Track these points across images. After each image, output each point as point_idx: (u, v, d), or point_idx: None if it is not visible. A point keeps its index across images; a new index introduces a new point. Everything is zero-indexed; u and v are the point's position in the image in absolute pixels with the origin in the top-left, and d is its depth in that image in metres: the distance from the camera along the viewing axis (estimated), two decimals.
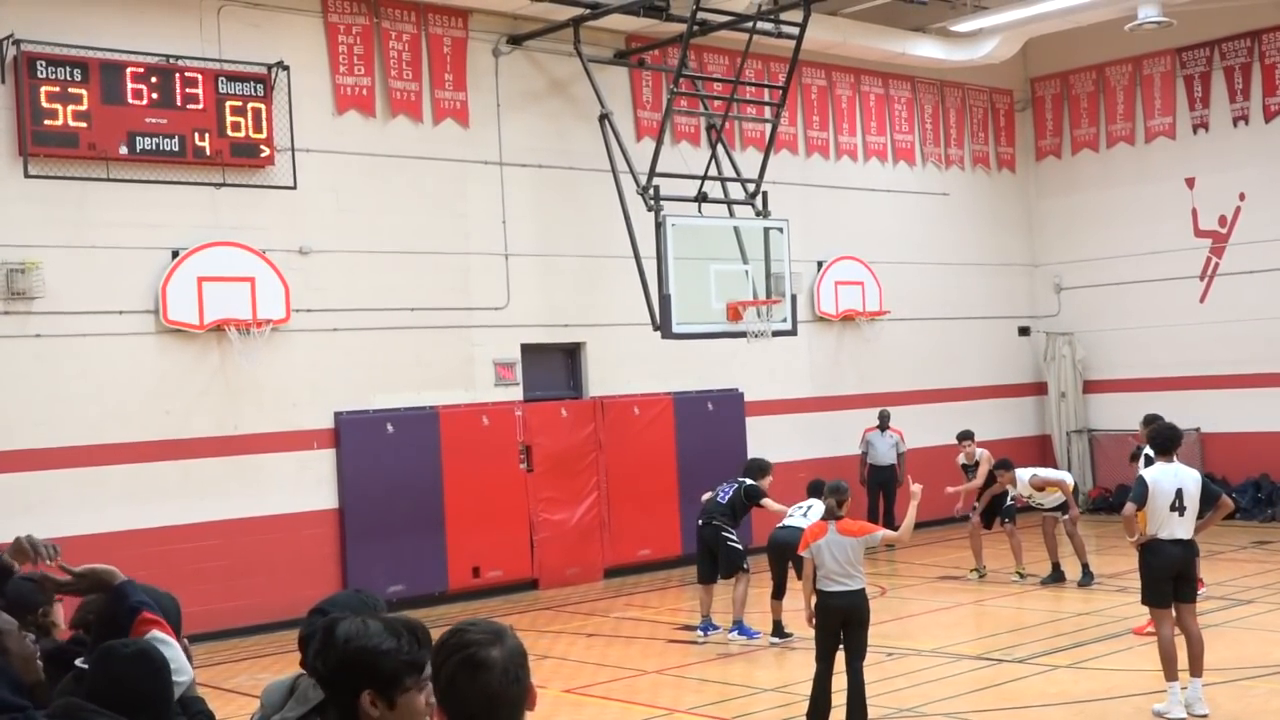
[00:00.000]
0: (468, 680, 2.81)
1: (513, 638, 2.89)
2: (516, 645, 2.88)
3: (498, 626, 2.92)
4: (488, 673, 2.81)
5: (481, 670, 2.81)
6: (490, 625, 2.92)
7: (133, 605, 4.09)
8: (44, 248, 13.29)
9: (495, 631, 2.87)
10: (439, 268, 15.89)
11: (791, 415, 18.48)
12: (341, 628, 3.04)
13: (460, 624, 2.94)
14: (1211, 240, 20.58)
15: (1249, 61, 20.08)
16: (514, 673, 2.84)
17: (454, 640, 2.86)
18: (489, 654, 2.82)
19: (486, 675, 2.81)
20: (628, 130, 17.21)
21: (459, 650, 2.83)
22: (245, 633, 14.04)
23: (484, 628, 2.89)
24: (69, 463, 13.38)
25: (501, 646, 2.84)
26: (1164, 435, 9.72)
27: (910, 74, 20.83)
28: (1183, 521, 9.42)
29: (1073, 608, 13.66)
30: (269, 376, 14.55)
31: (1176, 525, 9.40)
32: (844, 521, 9.48)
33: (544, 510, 16.42)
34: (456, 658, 2.82)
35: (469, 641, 2.83)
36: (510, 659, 2.84)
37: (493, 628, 2.89)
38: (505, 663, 2.83)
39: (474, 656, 2.81)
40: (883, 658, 11.70)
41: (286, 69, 14.67)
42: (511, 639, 2.88)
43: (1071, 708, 9.74)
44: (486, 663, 2.81)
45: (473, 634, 2.85)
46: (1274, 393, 19.75)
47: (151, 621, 4.06)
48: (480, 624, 2.92)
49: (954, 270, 21.38)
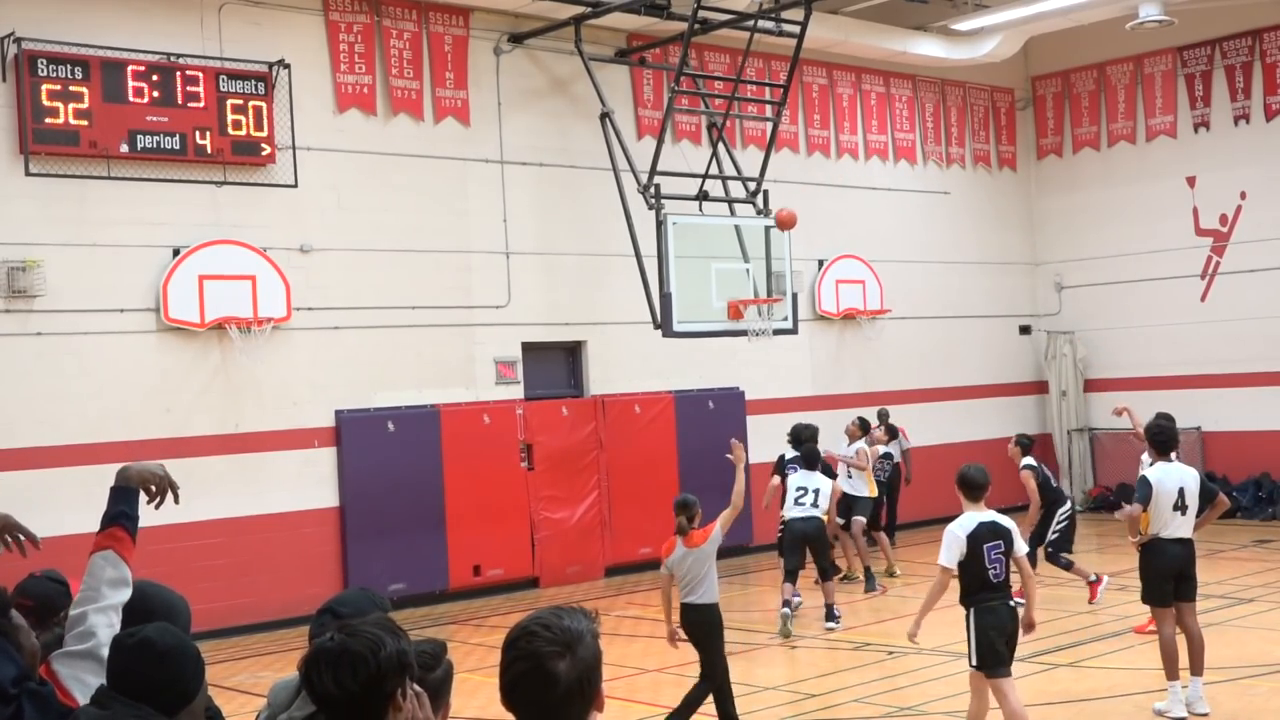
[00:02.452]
0: (530, 689, 2.73)
1: (585, 646, 2.75)
2: (588, 655, 2.75)
3: (571, 634, 2.76)
4: (553, 687, 2.71)
5: (546, 684, 2.71)
6: (563, 632, 2.76)
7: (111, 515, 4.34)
8: (45, 246, 13.31)
9: (566, 642, 2.73)
10: (440, 266, 15.90)
11: (792, 414, 18.42)
12: (358, 643, 3.06)
13: (536, 621, 2.80)
14: (1212, 239, 20.59)
15: (1250, 60, 20.08)
16: (580, 686, 2.73)
17: (523, 645, 2.76)
18: (555, 668, 2.71)
19: (551, 689, 2.71)
20: (629, 129, 17.23)
21: (527, 659, 2.73)
22: (246, 631, 14.07)
23: (556, 635, 2.75)
24: (70, 461, 13.38)
25: (571, 659, 2.72)
26: (1163, 434, 9.73)
27: (911, 72, 20.84)
28: (1184, 520, 9.43)
29: (1073, 607, 13.62)
30: (270, 375, 14.57)
31: (1179, 524, 9.41)
32: (691, 534, 9.22)
33: (545, 509, 16.43)
34: (522, 665, 2.74)
35: (537, 652, 2.72)
36: (579, 672, 2.73)
37: (565, 636, 2.74)
38: (571, 677, 2.72)
39: (539, 669, 2.72)
40: (884, 656, 11.79)
41: (287, 67, 14.68)
42: (584, 648, 2.75)
43: (1072, 706, 9.74)
44: (552, 676, 2.71)
45: (542, 642, 2.73)
46: (1275, 391, 19.76)
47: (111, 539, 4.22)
48: (555, 628, 2.77)
49: (955, 269, 21.40)
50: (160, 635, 3.65)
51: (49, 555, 10.45)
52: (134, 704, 3.52)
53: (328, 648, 3.07)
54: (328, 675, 3.04)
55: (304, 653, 3.76)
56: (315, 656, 3.09)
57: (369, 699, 3.02)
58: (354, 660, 3.02)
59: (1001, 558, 8.19)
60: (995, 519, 8.27)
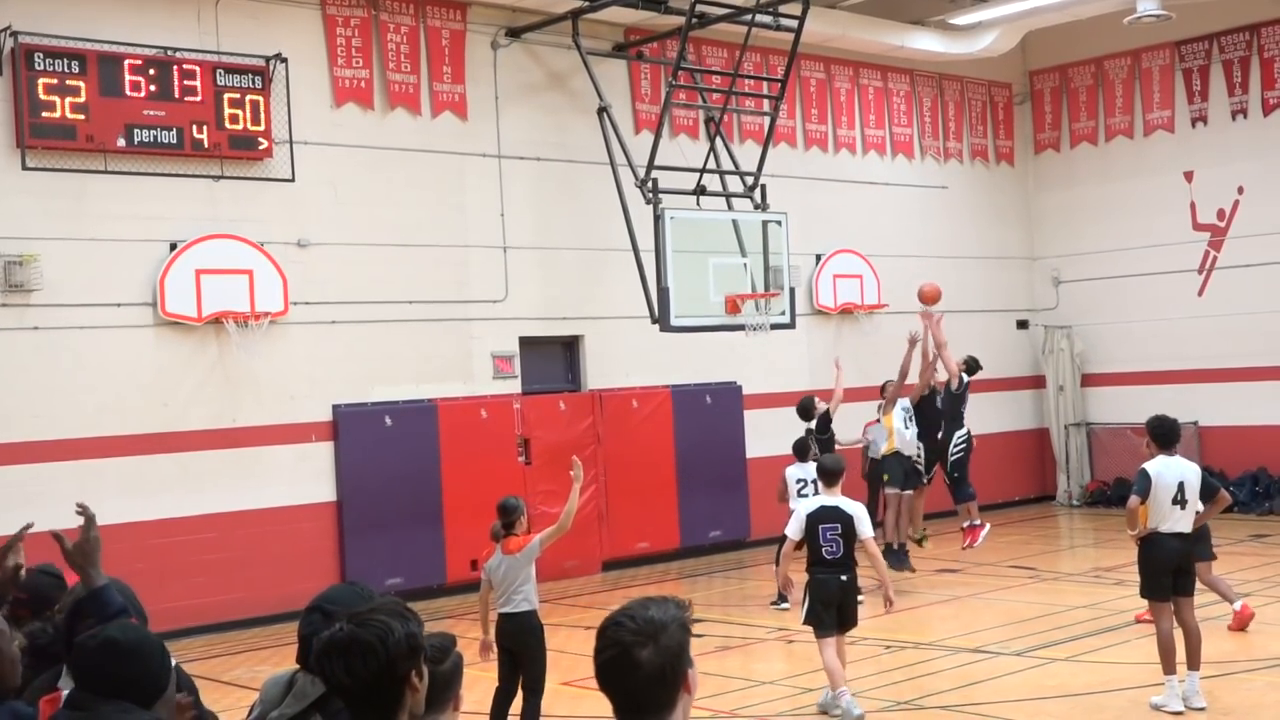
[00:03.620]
0: (617, 675, 2.87)
1: (670, 635, 2.87)
2: (672, 644, 2.86)
3: (657, 624, 2.88)
4: (636, 672, 2.84)
5: (629, 671, 2.84)
6: (648, 622, 2.88)
7: (115, 613, 4.25)
8: (42, 240, 13.30)
9: (650, 632, 2.85)
10: (437, 260, 15.90)
11: (790, 408, 18.45)
12: (367, 633, 3.09)
13: (624, 612, 2.92)
14: (1210, 234, 20.59)
15: (1248, 55, 20.08)
16: (664, 673, 2.85)
17: (611, 634, 2.89)
18: (639, 655, 2.83)
19: (634, 676, 2.84)
20: (626, 123, 17.21)
21: (612, 647, 2.86)
22: (243, 625, 14.06)
23: (641, 625, 2.87)
24: (67, 455, 13.41)
25: (654, 646, 2.84)
26: (1164, 428, 9.72)
27: (909, 67, 20.84)
28: (1184, 515, 9.42)
29: (1069, 601, 13.69)
30: (267, 369, 14.57)
31: (1178, 518, 9.40)
32: (508, 540, 8.82)
33: (542, 503, 16.37)
34: (609, 653, 2.87)
35: (621, 640, 2.85)
36: (663, 658, 2.84)
37: (650, 626, 2.86)
38: (654, 665, 2.84)
39: (622, 657, 2.84)
40: (880, 651, 11.82)
41: (285, 61, 14.67)
42: (668, 637, 2.86)
43: (1068, 700, 9.78)
44: (634, 663, 2.84)
45: (626, 631, 2.85)
46: (1272, 386, 19.79)
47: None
48: (640, 618, 2.88)
49: (952, 264, 21.35)
50: (123, 633, 3.73)
51: (44, 550, 10.43)
52: (115, 701, 3.57)
53: (338, 638, 3.11)
54: (339, 666, 3.09)
55: (298, 650, 3.83)
56: (326, 648, 3.13)
57: (383, 685, 3.09)
58: (364, 649, 3.07)
59: (838, 538, 9.54)
60: (838, 504, 9.62)
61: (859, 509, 9.68)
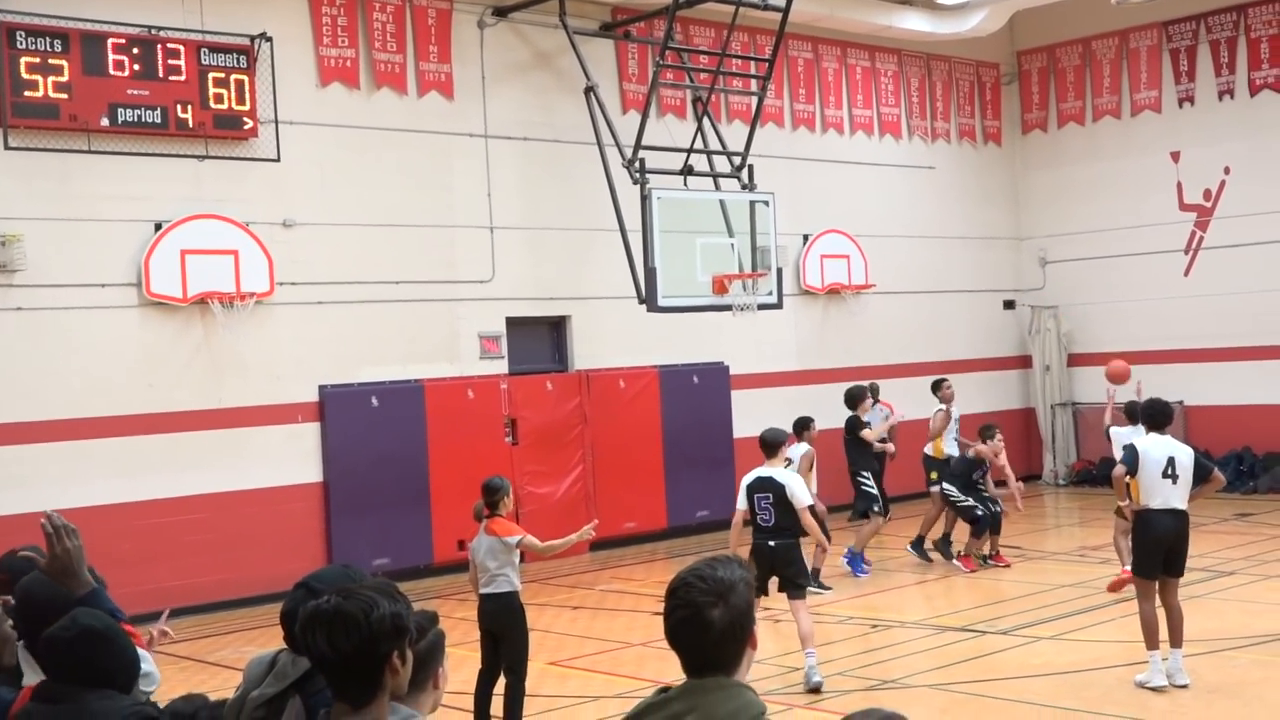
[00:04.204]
0: (689, 634, 3.04)
1: (738, 594, 3.04)
2: (740, 602, 3.04)
3: (725, 584, 3.04)
4: (707, 632, 3.02)
5: (702, 630, 3.02)
6: (718, 582, 3.04)
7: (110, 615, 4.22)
8: (25, 220, 13.26)
9: (720, 592, 3.03)
10: (424, 241, 15.91)
11: (777, 388, 18.55)
12: (352, 605, 3.09)
13: (693, 573, 3.08)
14: (1196, 214, 20.70)
15: (1235, 36, 20.16)
16: (733, 630, 3.04)
17: (681, 594, 3.05)
18: (710, 615, 3.01)
19: (706, 634, 3.02)
20: (613, 103, 17.23)
21: (684, 607, 3.04)
22: (230, 606, 14.10)
23: (711, 585, 3.03)
24: (53, 436, 13.41)
25: (724, 606, 3.02)
26: (1155, 409, 9.73)
27: (897, 47, 20.87)
28: (1176, 490, 9.41)
29: (1055, 580, 13.77)
30: (253, 350, 14.57)
31: (1170, 493, 9.39)
32: (493, 521, 8.72)
33: (529, 483, 16.47)
34: (682, 613, 3.04)
35: (693, 601, 3.02)
36: (732, 617, 3.03)
37: (719, 586, 3.03)
38: (725, 623, 3.02)
39: (695, 617, 3.02)
40: (868, 630, 11.91)
41: (269, 40, 14.63)
42: (736, 596, 3.04)
43: (1054, 679, 9.86)
44: (706, 622, 3.02)
45: (698, 592, 3.02)
46: (1257, 366, 19.93)
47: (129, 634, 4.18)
48: (709, 579, 3.05)
49: (940, 244, 21.48)
50: (97, 620, 3.74)
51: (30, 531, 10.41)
52: (94, 689, 3.60)
53: (323, 609, 3.10)
54: (321, 636, 3.08)
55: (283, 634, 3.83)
56: (309, 618, 3.12)
57: (363, 660, 3.08)
58: (347, 621, 3.06)
59: (770, 507, 10.15)
60: (772, 474, 10.22)
61: (791, 479, 10.28)
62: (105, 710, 3.61)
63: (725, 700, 3.03)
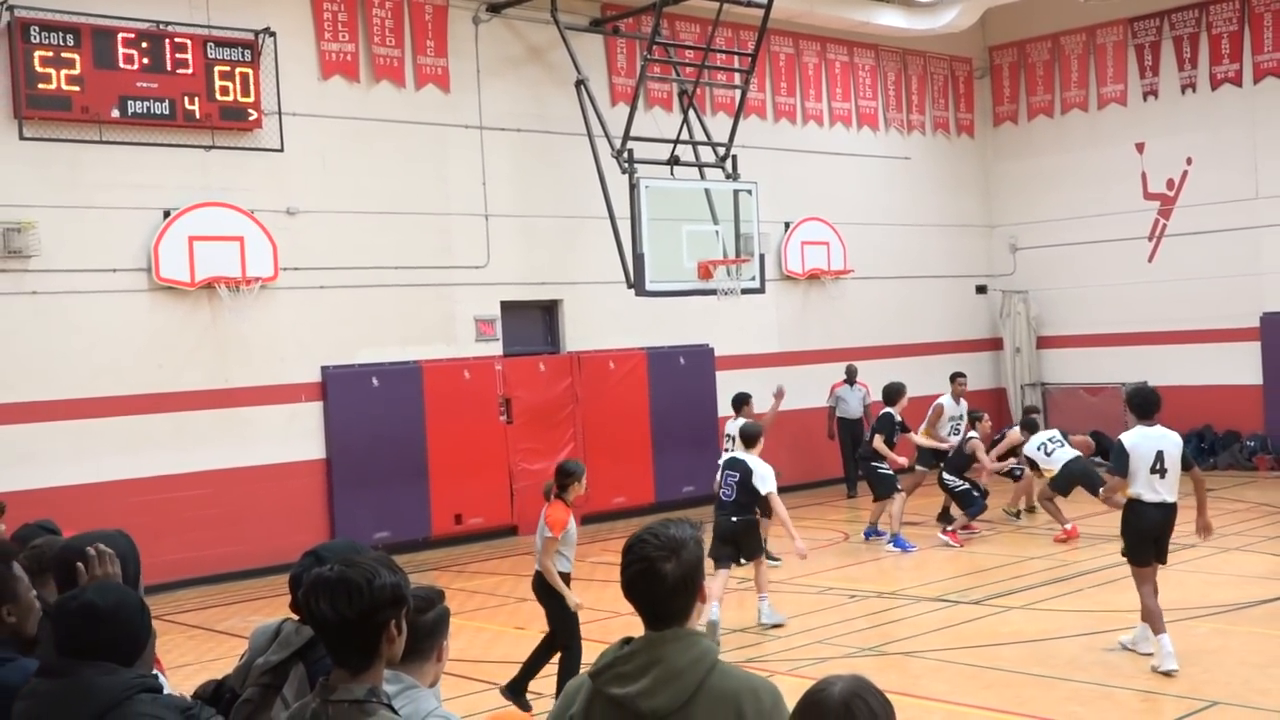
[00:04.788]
0: (644, 586, 3.25)
1: (689, 551, 3.26)
2: (691, 559, 3.26)
3: (677, 541, 3.25)
4: (661, 583, 3.23)
5: (656, 581, 3.23)
6: (670, 540, 3.25)
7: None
8: (39, 208, 13.55)
9: (673, 548, 3.24)
10: (421, 228, 16.25)
11: (760, 370, 18.91)
12: (355, 573, 3.18)
13: (648, 530, 3.29)
14: (1160, 203, 21.18)
15: (1197, 32, 20.64)
16: (684, 583, 3.24)
17: (637, 550, 3.27)
18: (663, 568, 3.22)
19: (660, 585, 3.23)
20: (603, 96, 17.55)
21: (639, 562, 3.25)
22: (236, 577, 14.48)
23: (664, 541, 3.25)
24: (65, 415, 13.73)
25: (676, 561, 3.23)
26: (1143, 399, 9.49)
27: (874, 42, 21.24)
28: (1164, 483, 9.26)
29: (1026, 552, 14.18)
30: (258, 332, 14.91)
31: (1159, 486, 9.25)
32: (552, 504, 8.83)
33: (523, 460, 16.86)
34: (636, 567, 3.26)
35: (647, 555, 3.24)
36: (683, 571, 3.23)
37: (671, 543, 3.25)
38: (677, 576, 3.23)
39: (649, 570, 3.23)
40: (845, 600, 12.25)
41: (273, 35, 14.94)
42: (688, 553, 3.25)
43: (1023, 646, 10.17)
44: (659, 575, 3.22)
45: (651, 547, 3.24)
46: (1216, 348, 20.45)
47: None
48: (662, 536, 3.25)
49: (915, 231, 21.87)
50: (102, 596, 3.66)
51: (44, 506, 10.96)
52: (94, 662, 3.57)
53: (327, 576, 3.18)
54: (324, 601, 3.15)
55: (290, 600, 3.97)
56: (314, 584, 3.19)
57: (363, 626, 3.16)
58: (350, 588, 3.14)
59: (734, 485, 11.14)
60: (743, 458, 11.23)
61: (759, 465, 11.15)
62: (107, 685, 3.55)
63: (684, 650, 3.21)
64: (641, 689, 3.20)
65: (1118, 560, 13.06)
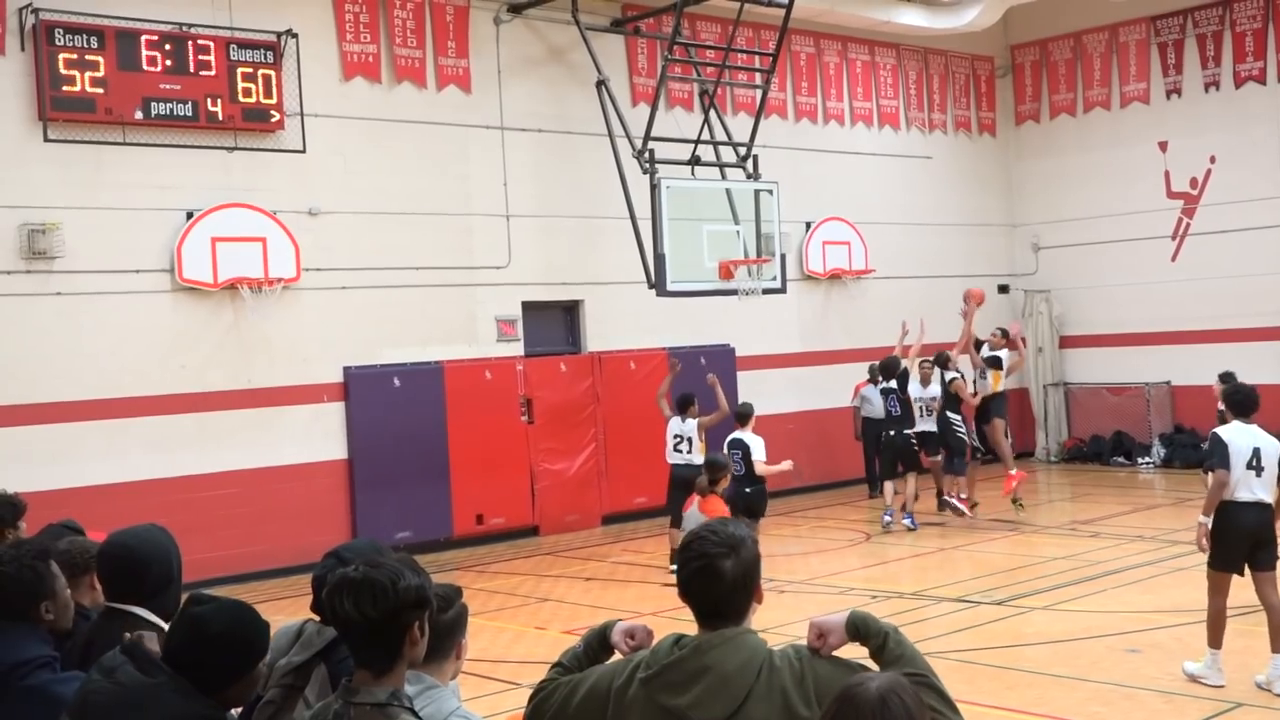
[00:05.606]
0: (703, 584, 3.28)
1: (747, 549, 3.29)
2: (750, 556, 3.29)
3: (736, 538, 3.29)
4: (720, 581, 3.25)
5: (715, 579, 3.26)
6: (729, 537, 3.29)
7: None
8: (63, 209, 13.63)
9: (732, 545, 3.27)
10: (442, 228, 16.30)
11: (781, 369, 18.94)
12: (380, 574, 3.19)
13: (707, 528, 3.34)
14: (1183, 201, 21.11)
15: (1220, 29, 20.58)
16: (743, 581, 3.27)
17: (696, 548, 3.29)
18: (722, 565, 3.25)
19: (719, 583, 3.26)
20: (624, 96, 17.57)
21: (699, 559, 3.28)
22: (260, 577, 14.48)
23: (723, 539, 3.28)
24: (90, 415, 13.80)
25: (735, 558, 3.26)
26: (1243, 396, 9.06)
27: (895, 41, 21.22)
28: (1261, 481, 8.73)
29: (1047, 552, 14.13)
30: (280, 333, 14.97)
31: (1255, 484, 8.72)
32: (705, 500, 9.13)
33: (544, 460, 16.92)
34: (695, 564, 3.28)
35: (707, 553, 3.26)
36: (742, 569, 3.26)
37: (730, 540, 3.28)
38: (736, 574, 3.25)
39: (709, 566, 3.26)
40: (867, 600, 12.17)
41: (295, 36, 15.00)
42: (745, 551, 3.28)
43: (1046, 647, 10.14)
44: (719, 573, 3.25)
45: (711, 545, 3.27)
46: (1240, 347, 20.26)
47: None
48: (721, 534, 3.29)
49: (936, 230, 21.83)
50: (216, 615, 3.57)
51: (70, 505, 11.01)
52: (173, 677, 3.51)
53: (351, 577, 3.19)
54: (349, 601, 3.16)
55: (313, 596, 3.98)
56: (338, 584, 3.19)
57: (387, 627, 3.17)
58: (375, 589, 3.15)
59: (740, 461, 12.78)
60: (742, 437, 13.16)
61: (754, 440, 13.04)
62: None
63: (734, 653, 3.21)
64: (692, 700, 3.21)
65: (1141, 560, 13.16)
